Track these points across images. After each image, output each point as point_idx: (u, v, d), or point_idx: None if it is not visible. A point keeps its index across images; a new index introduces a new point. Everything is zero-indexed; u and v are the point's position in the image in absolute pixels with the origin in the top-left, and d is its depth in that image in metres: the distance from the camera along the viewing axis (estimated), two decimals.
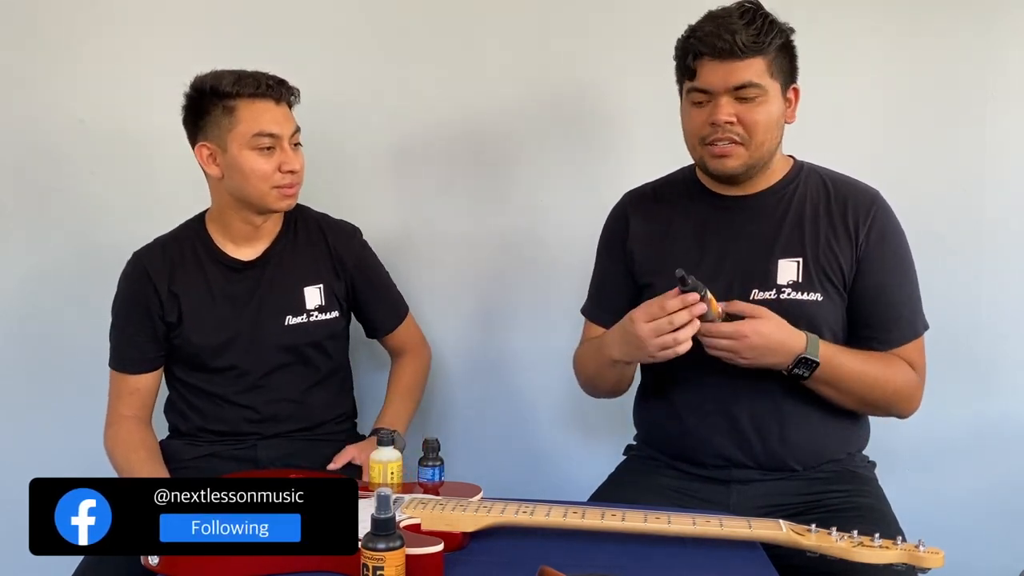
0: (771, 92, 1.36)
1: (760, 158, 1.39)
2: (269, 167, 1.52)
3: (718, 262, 1.44)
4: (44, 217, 1.98)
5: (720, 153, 1.38)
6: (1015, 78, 1.82)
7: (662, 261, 1.45)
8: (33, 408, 2.02)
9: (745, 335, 1.30)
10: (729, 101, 1.35)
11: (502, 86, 1.91)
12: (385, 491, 1.03)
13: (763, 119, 1.36)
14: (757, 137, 1.36)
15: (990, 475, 1.89)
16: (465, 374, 2.00)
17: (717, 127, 1.36)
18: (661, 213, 1.52)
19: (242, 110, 1.51)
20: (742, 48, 1.32)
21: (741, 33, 1.31)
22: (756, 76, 1.34)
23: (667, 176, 1.58)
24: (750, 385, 1.41)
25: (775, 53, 1.36)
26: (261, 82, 1.51)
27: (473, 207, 1.97)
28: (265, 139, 1.51)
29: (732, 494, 1.44)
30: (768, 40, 1.33)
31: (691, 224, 1.48)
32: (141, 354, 1.59)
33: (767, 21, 1.34)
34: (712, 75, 1.35)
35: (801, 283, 1.40)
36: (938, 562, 1.08)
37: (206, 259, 1.60)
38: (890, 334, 1.43)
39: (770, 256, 1.42)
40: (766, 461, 1.44)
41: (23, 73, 1.94)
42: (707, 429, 1.45)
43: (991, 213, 1.85)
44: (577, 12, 1.88)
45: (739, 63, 1.33)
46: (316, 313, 1.62)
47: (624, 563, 1.12)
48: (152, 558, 1.10)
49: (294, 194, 1.57)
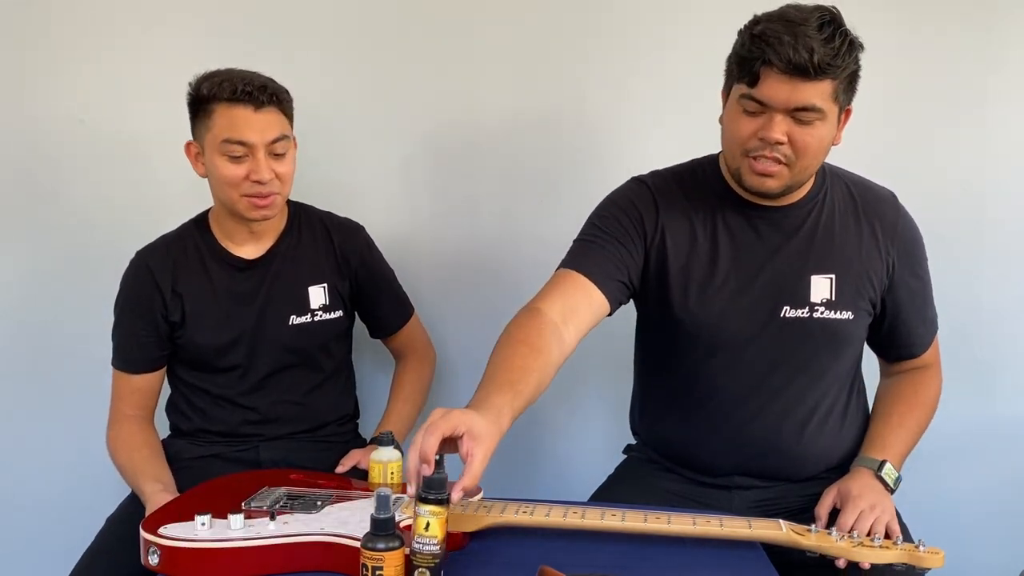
0: (829, 116, 1.26)
1: (801, 180, 1.33)
2: (238, 174, 1.48)
3: (752, 275, 1.37)
4: (44, 217, 1.97)
5: (762, 171, 1.28)
6: (1015, 78, 1.82)
7: (690, 267, 1.38)
8: (33, 408, 2.02)
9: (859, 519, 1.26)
10: (784, 119, 1.24)
11: (505, 87, 1.90)
12: (385, 491, 1.03)
13: (814, 143, 1.26)
14: (804, 160, 1.28)
15: (990, 475, 1.89)
16: (465, 374, 2.00)
17: (766, 144, 1.26)
18: (689, 209, 1.40)
19: (217, 114, 1.47)
20: (816, 68, 1.19)
21: (819, 51, 1.19)
22: (820, 99, 1.23)
23: (687, 166, 1.46)
24: (757, 403, 1.40)
25: (845, 77, 1.24)
26: (239, 87, 1.45)
27: (475, 208, 1.96)
28: (235, 146, 1.46)
29: (734, 498, 1.44)
30: (844, 64, 1.22)
31: (722, 228, 1.39)
32: (144, 353, 1.58)
33: (847, 40, 1.22)
34: (776, 90, 1.23)
35: (834, 301, 1.36)
36: (938, 562, 1.09)
37: (209, 258, 1.59)
38: (923, 339, 1.49)
39: (802, 272, 1.36)
40: (772, 473, 1.43)
41: (23, 73, 1.93)
42: (712, 446, 1.43)
43: (991, 213, 1.86)
44: (580, 14, 1.88)
45: (808, 84, 1.21)
46: (320, 313, 1.61)
47: (624, 563, 1.12)
48: (152, 558, 1.11)
49: (268, 204, 1.51)
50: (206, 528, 1.11)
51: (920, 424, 1.47)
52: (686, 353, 1.42)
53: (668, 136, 1.82)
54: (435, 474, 1.04)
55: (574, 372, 1.91)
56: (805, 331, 1.36)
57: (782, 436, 1.40)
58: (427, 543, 1.03)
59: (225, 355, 1.57)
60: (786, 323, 1.36)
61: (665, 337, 1.44)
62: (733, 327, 1.37)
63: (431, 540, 1.03)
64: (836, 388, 1.43)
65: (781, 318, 1.35)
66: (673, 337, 1.42)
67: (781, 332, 1.36)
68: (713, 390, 1.40)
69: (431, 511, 1.03)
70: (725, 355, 1.38)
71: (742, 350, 1.37)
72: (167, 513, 1.19)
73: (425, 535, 1.03)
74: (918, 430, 1.46)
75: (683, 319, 1.39)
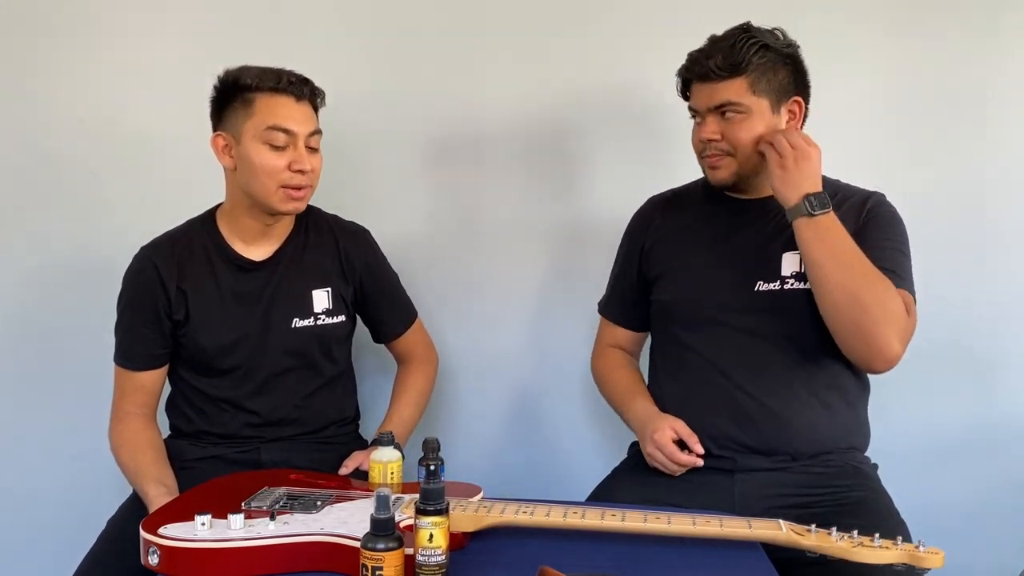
0: (755, 109, 1.44)
1: (750, 169, 1.48)
2: (279, 163, 1.48)
3: (728, 255, 1.52)
4: (44, 217, 1.97)
5: (711, 166, 1.49)
6: (1016, 78, 1.82)
7: (674, 255, 1.58)
8: (34, 408, 2.02)
9: (810, 156, 1.39)
10: (714, 119, 1.46)
11: (509, 90, 1.91)
12: (385, 491, 1.03)
13: (745, 135, 1.44)
14: (742, 151, 1.45)
15: (990, 475, 1.89)
16: (465, 374, 2.00)
17: (705, 144, 1.48)
18: (679, 213, 1.62)
19: (260, 102, 1.48)
20: (715, 71, 1.43)
21: (717, 57, 1.42)
22: (736, 95, 1.43)
23: (687, 184, 1.67)
24: (744, 374, 1.48)
25: (761, 72, 1.43)
26: (283, 78, 1.49)
27: (477, 209, 1.97)
28: (279, 134, 1.48)
29: (736, 483, 1.46)
30: (745, 61, 1.41)
31: (704, 222, 1.57)
32: (147, 350, 1.57)
33: (747, 43, 1.42)
34: (696, 96, 1.48)
35: (803, 273, 1.45)
36: (938, 562, 1.08)
37: (215, 257, 1.57)
38: None
39: (776, 250, 1.49)
40: (767, 443, 1.46)
41: (24, 73, 1.94)
42: (709, 409, 1.49)
43: (991, 213, 1.86)
44: (580, 14, 1.88)
45: (718, 84, 1.44)
46: (323, 316, 1.60)
47: (624, 563, 1.12)
48: (152, 558, 1.11)
49: (302, 197, 1.52)
50: (206, 528, 1.11)
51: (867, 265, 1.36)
52: (677, 328, 1.56)
53: (668, 138, 1.82)
54: (432, 484, 1.04)
55: (575, 372, 1.92)
56: (780, 303, 1.47)
57: (770, 403, 1.46)
58: (432, 554, 1.03)
59: (227, 356, 1.56)
60: (761, 295, 1.48)
61: (660, 317, 1.61)
62: (715, 301, 1.51)
63: (436, 551, 1.03)
64: (821, 361, 1.46)
65: (755, 291, 1.48)
66: (666, 315, 1.59)
67: (757, 304, 1.48)
68: (702, 362, 1.52)
69: (433, 522, 1.03)
70: (709, 328, 1.51)
71: (724, 323, 1.50)
72: (167, 513, 1.19)
73: (429, 547, 1.03)
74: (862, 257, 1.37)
75: (669, 295, 1.57)
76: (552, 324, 1.96)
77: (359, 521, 1.14)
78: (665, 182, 1.70)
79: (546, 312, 1.97)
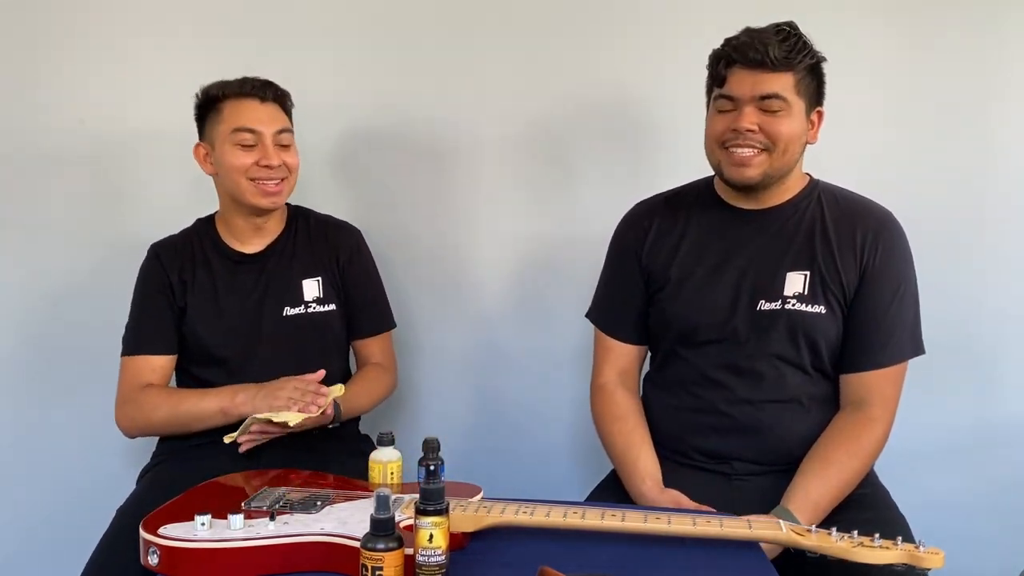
0: (795, 108, 1.39)
1: (779, 169, 1.42)
2: (247, 161, 1.57)
3: (727, 271, 1.47)
4: (44, 217, 1.98)
5: (739, 161, 1.40)
6: (1016, 79, 1.82)
7: (676, 267, 1.50)
8: (33, 408, 2.02)
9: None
10: (754, 110, 1.38)
11: (505, 91, 1.91)
12: (384, 491, 1.03)
13: (786, 131, 1.39)
14: (779, 146, 1.39)
15: (990, 475, 1.89)
16: (465, 374, 2.00)
17: (739, 134, 1.39)
18: (673, 220, 1.54)
19: (227, 108, 1.58)
20: (773, 61, 1.35)
21: (774, 47, 1.35)
22: (783, 89, 1.37)
23: (679, 187, 1.60)
24: (751, 385, 1.45)
25: (804, 73, 1.39)
26: (246, 83, 1.58)
27: (474, 210, 1.97)
28: (246, 134, 1.57)
29: (732, 489, 1.45)
30: (799, 58, 1.37)
31: (702, 231, 1.51)
32: (159, 331, 1.62)
33: (800, 41, 1.38)
34: (741, 83, 1.38)
35: (806, 296, 1.42)
36: (938, 562, 1.08)
37: (213, 254, 1.66)
38: (878, 356, 1.43)
39: (779, 269, 1.44)
40: (765, 456, 1.45)
41: (24, 74, 1.94)
42: (704, 422, 1.47)
43: (991, 213, 1.86)
44: (582, 17, 1.88)
45: (768, 75, 1.37)
46: (314, 304, 1.66)
47: (624, 563, 1.12)
48: (152, 558, 1.11)
49: (278, 192, 1.60)
50: (206, 528, 1.11)
51: (852, 473, 1.40)
52: (674, 343, 1.52)
53: (667, 141, 1.82)
54: (432, 484, 1.04)
55: (575, 373, 1.92)
56: (780, 322, 1.43)
57: (767, 419, 1.44)
58: (432, 554, 1.03)
59: (223, 345, 1.61)
60: (763, 315, 1.44)
61: (658, 330, 1.55)
62: (716, 320, 1.46)
63: (436, 551, 1.03)
64: (820, 382, 1.46)
65: (758, 311, 1.44)
66: (664, 328, 1.53)
67: (759, 323, 1.44)
68: (698, 375, 1.48)
69: (433, 523, 1.03)
70: (708, 345, 1.47)
71: (723, 340, 1.46)
72: (167, 513, 1.19)
73: (429, 547, 1.03)
74: (843, 479, 1.38)
75: (670, 312, 1.51)
76: (553, 324, 1.96)
77: (359, 521, 1.14)
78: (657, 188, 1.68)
79: (547, 312, 1.97)
